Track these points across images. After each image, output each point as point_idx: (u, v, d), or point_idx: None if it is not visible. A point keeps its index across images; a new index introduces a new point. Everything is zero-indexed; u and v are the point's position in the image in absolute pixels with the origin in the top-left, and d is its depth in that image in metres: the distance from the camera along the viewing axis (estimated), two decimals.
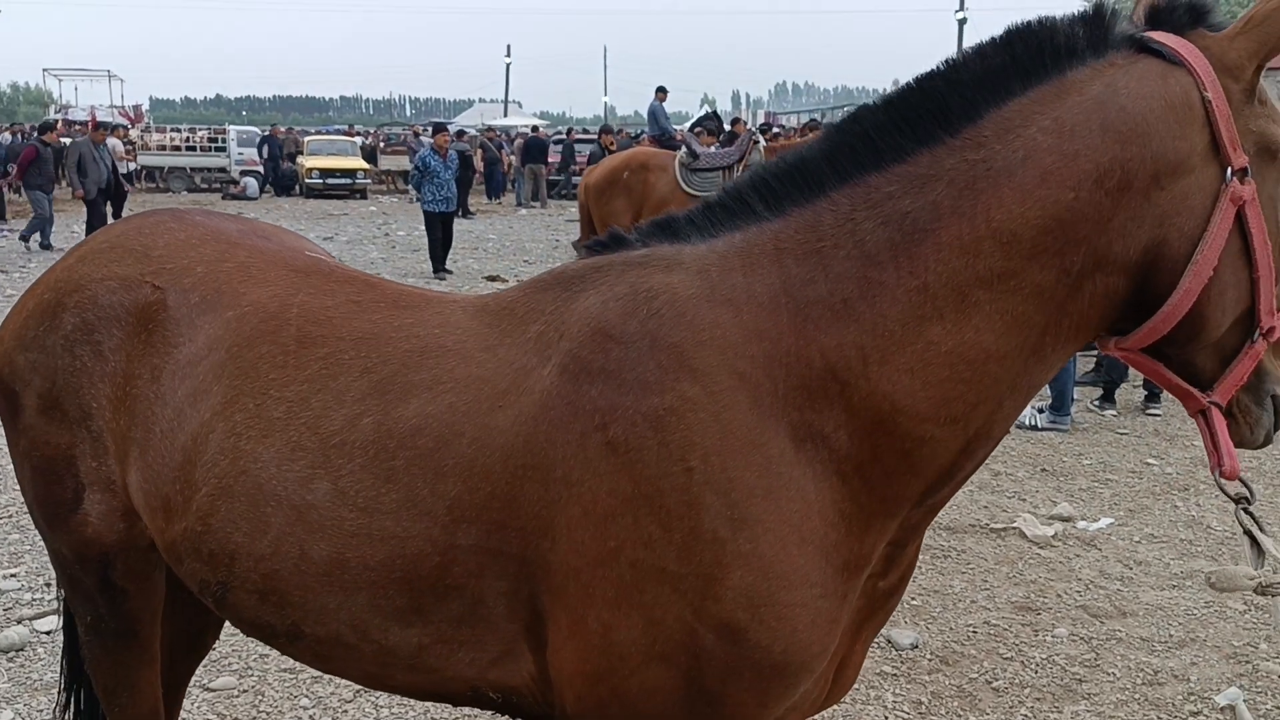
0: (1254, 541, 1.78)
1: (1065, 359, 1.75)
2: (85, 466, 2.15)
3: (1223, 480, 1.74)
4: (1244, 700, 4.07)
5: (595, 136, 35.05)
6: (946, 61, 1.74)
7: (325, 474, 1.88)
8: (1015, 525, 5.91)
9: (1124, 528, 5.97)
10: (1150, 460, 7.18)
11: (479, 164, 28.93)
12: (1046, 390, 8.18)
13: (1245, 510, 1.79)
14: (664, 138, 18.77)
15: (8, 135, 24.39)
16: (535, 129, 38.44)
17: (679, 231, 1.87)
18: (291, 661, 4.21)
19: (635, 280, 1.80)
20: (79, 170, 16.97)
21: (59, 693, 2.90)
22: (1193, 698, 4.15)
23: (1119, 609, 4.93)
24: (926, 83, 1.73)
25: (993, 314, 1.65)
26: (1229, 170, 1.63)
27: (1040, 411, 7.91)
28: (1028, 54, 1.67)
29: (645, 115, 21.23)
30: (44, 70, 57.53)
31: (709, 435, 1.67)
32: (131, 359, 2.10)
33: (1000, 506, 6.25)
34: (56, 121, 19.19)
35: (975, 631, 4.68)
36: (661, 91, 19.85)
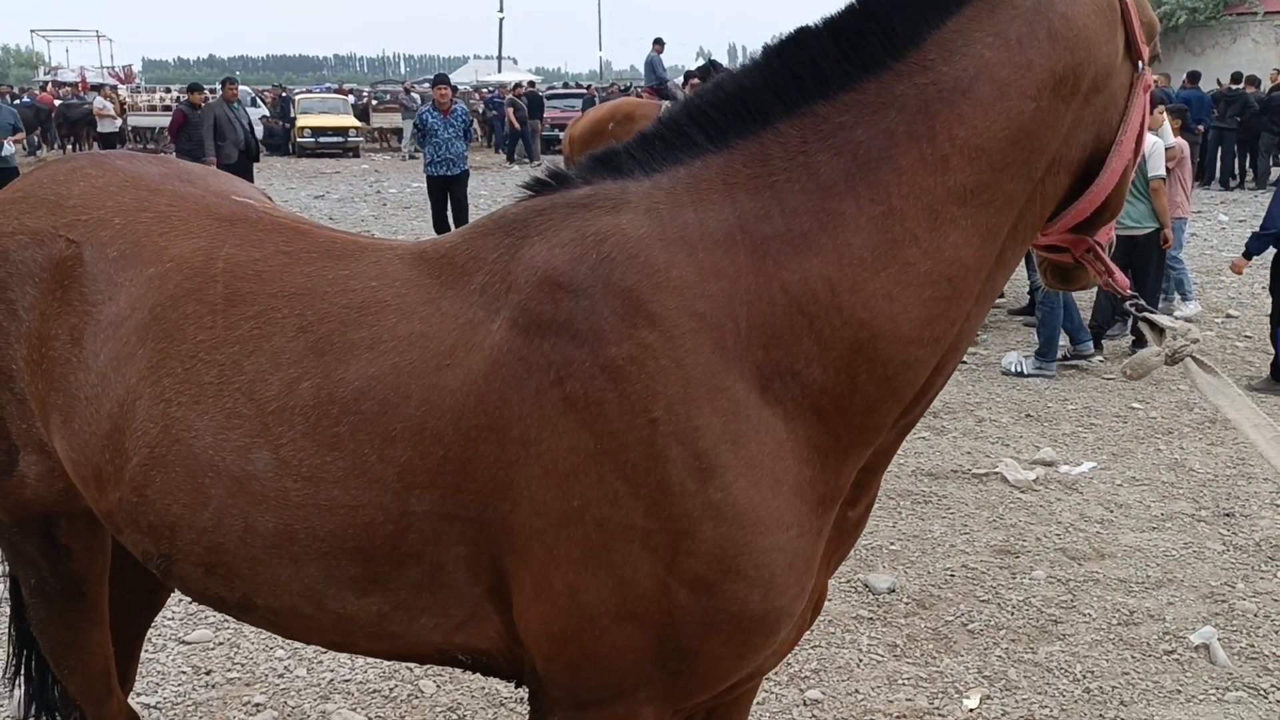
0: (1151, 326, 1.89)
1: (1019, 260, 1.81)
2: (15, 429, 2.09)
3: (1118, 289, 1.85)
4: (1218, 639, 4.09)
5: (584, 91, 34.80)
6: None
7: (265, 443, 1.80)
8: (997, 470, 5.90)
9: (1106, 471, 5.96)
10: (1135, 405, 7.16)
11: (477, 129, 28.67)
12: (1034, 336, 8.16)
13: (1137, 306, 1.89)
14: (661, 88, 18.57)
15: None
16: (531, 84, 38.11)
17: (621, 166, 1.80)
18: None
19: (582, 223, 1.73)
20: (216, 134, 15.43)
21: (8, 658, 2.89)
22: (1168, 637, 4.16)
23: (1097, 551, 4.94)
24: (870, 5, 1.70)
25: (969, 228, 1.66)
26: (1141, 63, 1.75)
27: (1026, 358, 7.88)
28: None
29: (642, 69, 20.97)
30: (31, 31, 56.96)
31: (671, 383, 1.62)
32: (47, 318, 2.01)
33: (983, 452, 6.25)
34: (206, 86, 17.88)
35: (953, 575, 4.69)
36: (659, 43, 19.60)
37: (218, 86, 17.80)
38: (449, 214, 13.21)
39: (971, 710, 3.68)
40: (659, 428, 1.61)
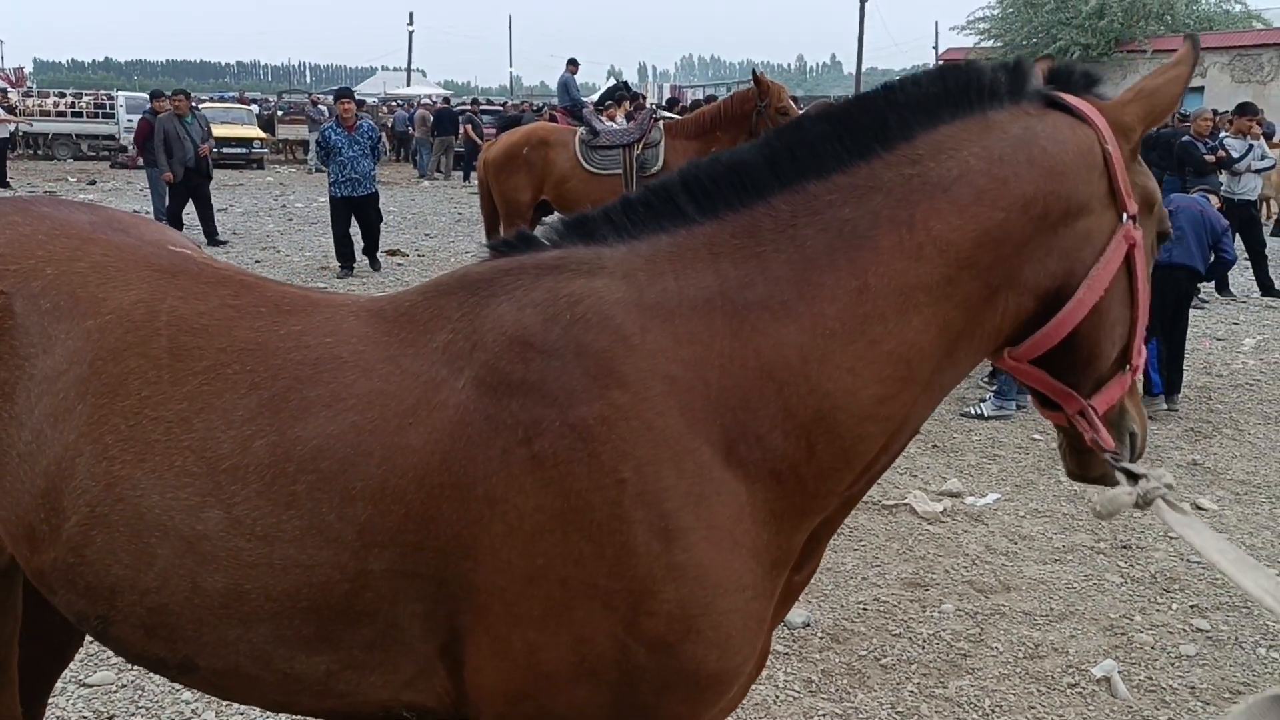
0: (1127, 474, 1.90)
1: (972, 365, 1.87)
2: None
3: (1103, 447, 1.86)
4: (1118, 671, 4.24)
5: (500, 107, 34.59)
6: (885, 86, 1.85)
7: (216, 502, 1.75)
8: (906, 502, 6.03)
9: (1010, 503, 6.14)
10: (1036, 435, 7.39)
11: (386, 143, 28.31)
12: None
13: (1114, 459, 1.90)
14: (575, 109, 18.61)
15: None
16: (446, 100, 37.81)
17: (594, 232, 1.82)
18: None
19: (553, 285, 1.74)
20: (165, 149, 14.75)
21: None
22: (1071, 670, 4.29)
23: (1003, 583, 5.07)
24: (867, 101, 1.84)
25: (930, 317, 1.74)
26: (1124, 215, 1.83)
27: (984, 400, 7.98)
28: (958, 88, 1.81)
29: (554, 87, 20.98)
30: None
31: (640, 444, 1.64)
32: None
33: (892, 483, 6.38)
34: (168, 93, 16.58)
35: (865, 608, 4.77)
36: (573, 63, 19.63)
37: (147, 97, 17.30)
38: (356, 236, 12.83)
39: None
40: (626, 488, 1.63)
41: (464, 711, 1.82)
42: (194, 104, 15.45)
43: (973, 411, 7.85)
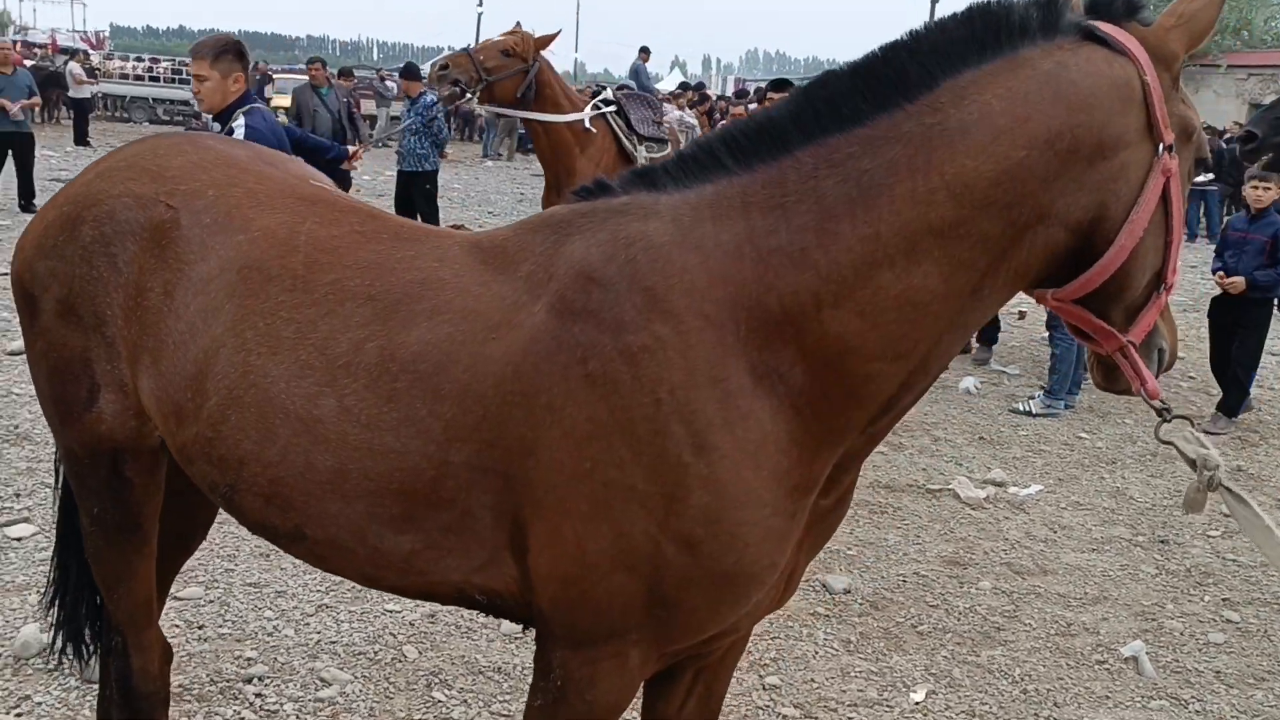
0: (1179, 450, 2.02)
1: (1002, 302, 1.96)
2: (100, 368, 2.29)
3: (1148, 398, 1.96)
4: (1146, 653, 4.41)
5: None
6: (910, 33, 1.90)
7: (332, 392, 2.03)
8: (950, 487, 6.21)
9: (1052, 495, 6.29)
10: (1082, 434, 7.52)
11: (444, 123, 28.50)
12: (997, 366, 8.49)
13: (1166, 421, 2.03)
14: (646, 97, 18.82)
15: None
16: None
17: (657, 181, 2.03)
18: (256, 575, 4.42)
19: (616, 227, 1.97)
20: (298, 122, 12.70)
21: (47, 587, 3.08)
22: (1100, 649, 4.47)
23: (1040, 567, 5.25)
24: (889, 52, 1.88)
25: (940, 259, 1.82)
26: (1161, 146, 1.85)
27: (1033, 398, 8.07)
28: (986, 30, 1.84)
29: (617, 75, 21.18)
30: None
31: (676, 371, 1.86)
32: (144, 272, 2.23)
33: (938, 470, 6.55)
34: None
35: (905, 580, 4.97)
36: (645, 51, 19.83)
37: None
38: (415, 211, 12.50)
39: (917, 703, 3.95)
40: (663, 407, 1.85)
41: (527, 599, 2.06)
42: (329, 76, 13.37)
43: (1021, 408, 7.98)
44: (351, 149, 8.12)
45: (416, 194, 12.74)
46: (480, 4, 65.55)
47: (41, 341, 2.38)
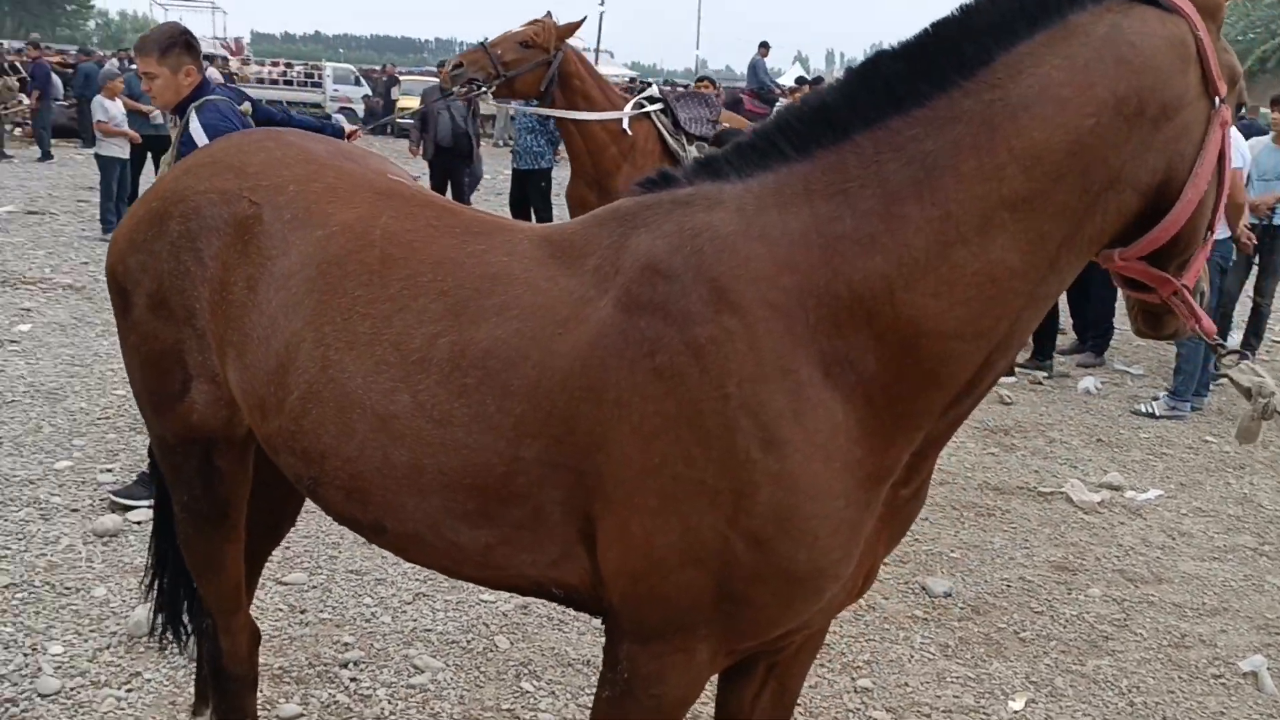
0: (1234, 383, 2.02)
1: (1078, 270, 1.92)
2: (192, 360, 2.38)
3: (1205, 335, 1.96)
4: (1267, 668, 4.18)
5: (683, 88, 34.63)
6: (960, 7, 1.87)
7: (406, 388, 2.06)
8: (1063, 490, 6.00)
9: (1172, 500, 6.03)
10: (1209, 438, 7.18)
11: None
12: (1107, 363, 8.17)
13: (1223, 356, 2.02)
14: (763, 91, 18.75)
15: (115, 61, 25.09)
16: (633, 80, 38.30)
17: (719, 170, 2.01)
18: (358, 563, 4.54)
19: (681, 218, 1.96)
20: (420, 122, 13.06)
21: (146, 570, 3.22)
22: (1217, 662, 4.26)
23: (1155, 575, 5.03)
24: (941, 30, 1.87)
25: (1016, 233, 1.80)
26: (1216, 99, 1.85)
27: (1156, 399, 7.79)
28: (1035, 0, 1.82)
29: (738, 70, 21.15)
30: (152, 1, 58.99)
31: (745, 363, 1.83)
32: (228, 267, 2.30)
33: (1050, 472, 6.34)
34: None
35: (1009, 585, 4.83)
36: (764, 47, 19.73)
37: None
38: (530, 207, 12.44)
39: (1016, 712, 3.83)
40: (731, 401, 1.83)
41: (599, 593, 2.06)
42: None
43: (1144, 409, 7.66)
44: (349, 128, 7.36)
45: (532, 191, 12.62)
46: (602, 3, 66.17)
47: (135, 334, 2.47)
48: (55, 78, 19.82)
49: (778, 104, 15.17)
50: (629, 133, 7.22)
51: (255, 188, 2.34)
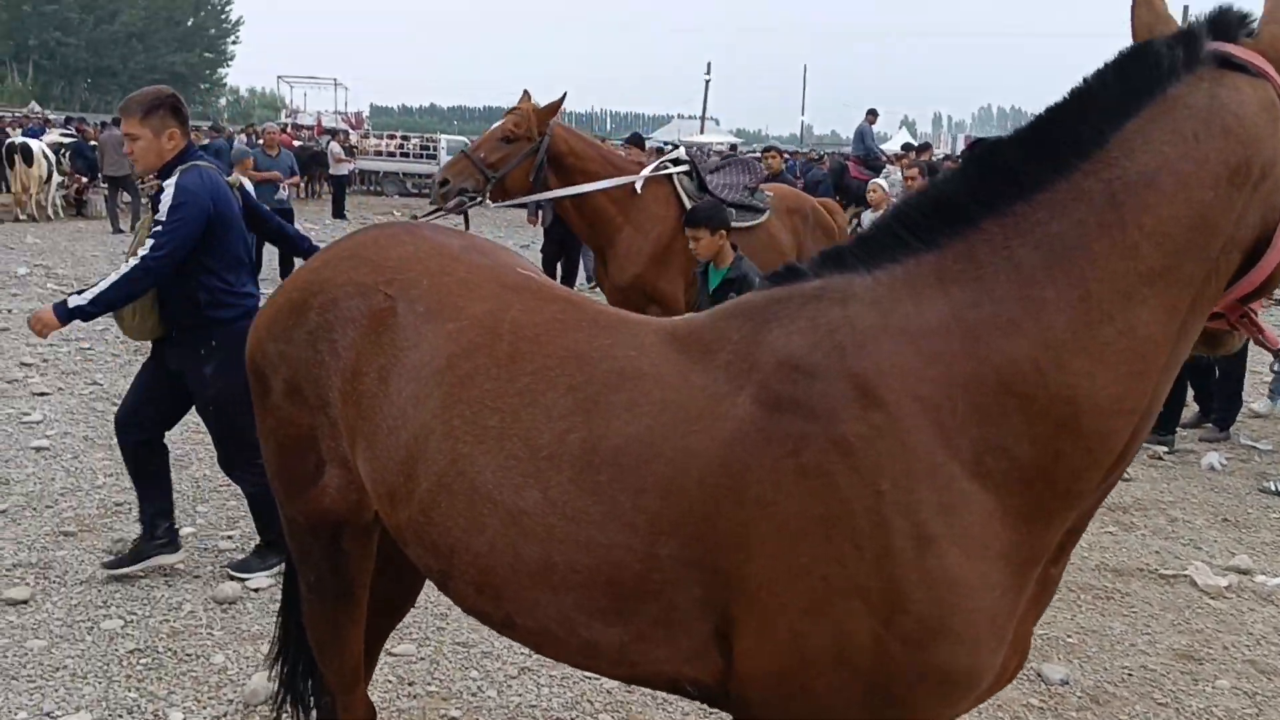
0: None
1: (1198, 333, 1.94)
2: (326, 445, 2.45)
3: (1268, 345, 2.01)
4: None
5: (788, 156, 34.89)
6: (1071, 92, 1.92)
7: (536, 483, 2.07)
8: (1186, 573, 5.75)
9: None
10: None
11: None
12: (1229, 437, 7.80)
13: None
14: (869, 158, 18.76)
15: (243, 137, 26.27)
16: (734, 147, 38.64)
17: (845, 263, 2.03)
18: (465, 635, 4.59)
19: (814, 313, 1.97)
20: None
21: (272, 644, 3.31)
22: None
23: None
24: (1055, 115, 1.92)
25: (1156, 307, 1.83)
26: None
27: None
28: (1139, 76, 1.86)
29: (843, 134, 21.21)
30: (278, 77, 61.97)
31: (896, 459, 1.83)
32: (361, 357, 2.37)
33: (1173, 553, 6.09)
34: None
35: (1130, 674, 4.63)
36: (872, 114, 19.77)
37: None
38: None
39: None
40: (885, 499, 1.82)
41: (734, 689, 2.03)
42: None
43: (1273, 487, 7.32)
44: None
45: (570, 248, 13.45)
46: (708, 72, 67.11)
47: (272, 418, 2.56)
48: None
49: (884, 170, 15.09)
50: (638, 193, 6.81)
51: (391, 281, 2.42)
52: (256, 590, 4.90)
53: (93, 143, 22.61)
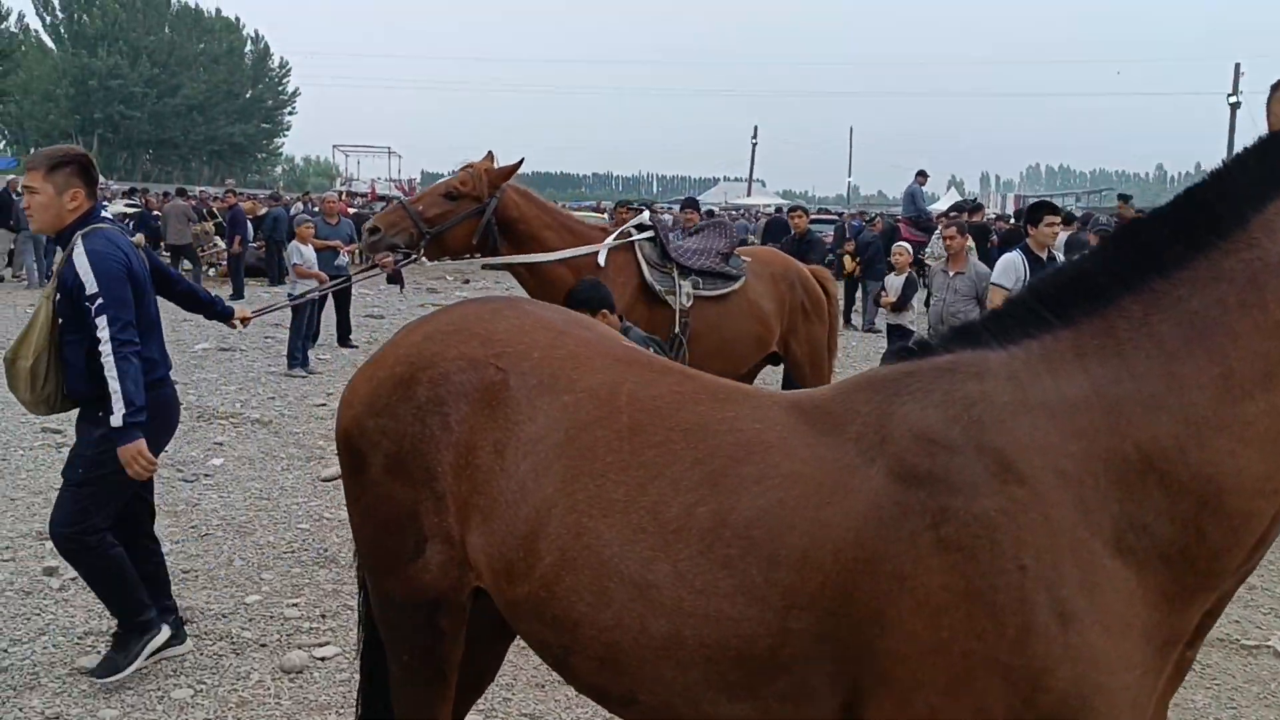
0: None
1: None
2: (428, 521, 2.42)
3: None
4: None
5: (836, 217, 34.90)
6: (1213, 174, 1.95)
7: (665, 557, 2.06)
8: (1269, 644, 5.58)
9: None
10: None
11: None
12: None
13: None
14: (920, 219, 18.82)
15: (300, 204, 26.81)
16: (779, 209, 38.80)
17: (978, 338, 2.04)
18: (532, 706, 4.55)
19: (949, 387, 1.97)
20: None
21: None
22: None
23: None
24: (1196, 195, 1.94)
25: None
26: None
27: None
28: (1278, 159, 1.88)
29: (890, 194, 21.29)
30: (334, 146, 63.45)
31: (1038, 534, 1.81)
32: (475, 431, 2.36)
33: (1254, 622, 5.91)
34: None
35: None
36: (922, 175, 19.89)
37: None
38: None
39: None
40: (1027, 574, 1.80)
41: None
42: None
43: None
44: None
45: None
46: (754, 136, 67.74)
47: (369, 495, 2.54)
48: (247, 222, 21.25)
49: (935, 232, 15.08)
50: (601, 266, 6.46)
51: (501, 354, 2.42)
52: (323, 659, 4.90)
53: (156, 213, 23.20)
